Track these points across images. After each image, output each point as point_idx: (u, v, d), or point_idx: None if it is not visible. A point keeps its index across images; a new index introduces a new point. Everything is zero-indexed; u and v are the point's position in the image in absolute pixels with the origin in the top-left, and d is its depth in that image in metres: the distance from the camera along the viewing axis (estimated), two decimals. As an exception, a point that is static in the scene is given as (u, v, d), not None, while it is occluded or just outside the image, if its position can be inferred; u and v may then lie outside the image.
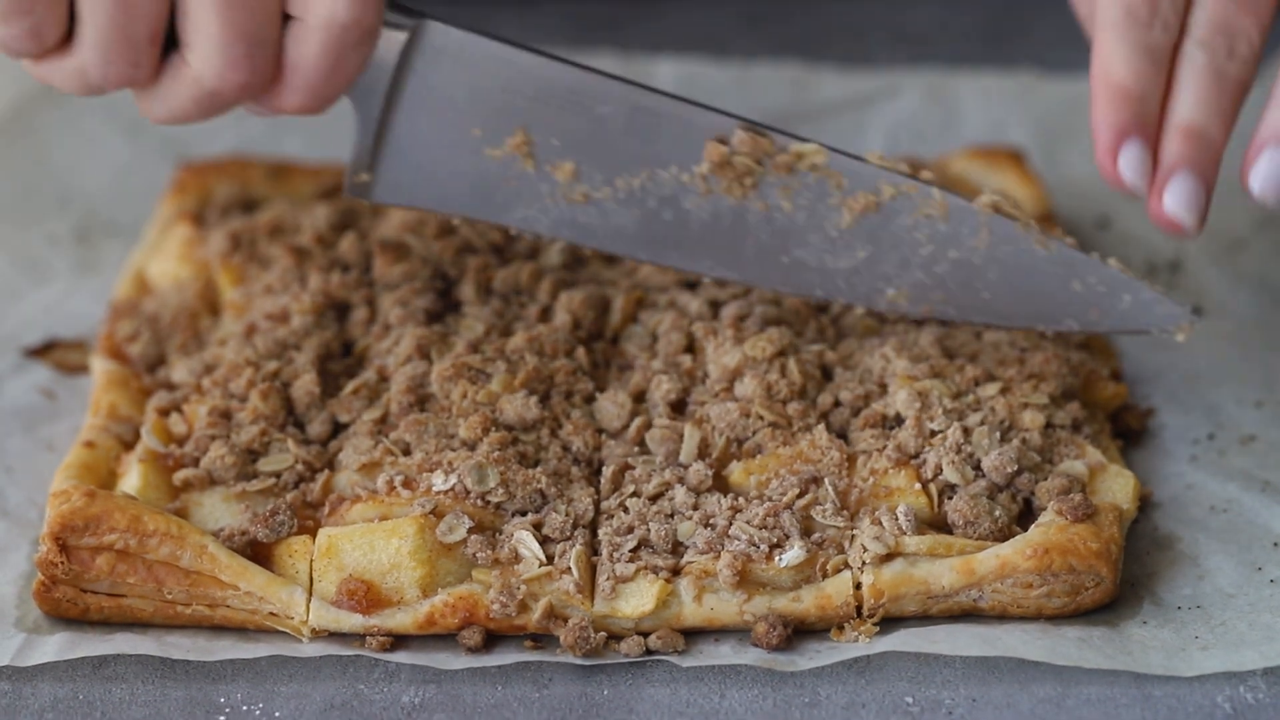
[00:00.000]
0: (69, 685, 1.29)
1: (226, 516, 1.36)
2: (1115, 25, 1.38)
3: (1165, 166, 1.36)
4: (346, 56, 1.35)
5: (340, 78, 1.36)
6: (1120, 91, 1.37)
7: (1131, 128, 1.36)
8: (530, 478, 1.36)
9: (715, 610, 1.32)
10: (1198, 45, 1.38)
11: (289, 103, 1.36)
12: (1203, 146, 1.36)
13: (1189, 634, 1.31)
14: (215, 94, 1.35)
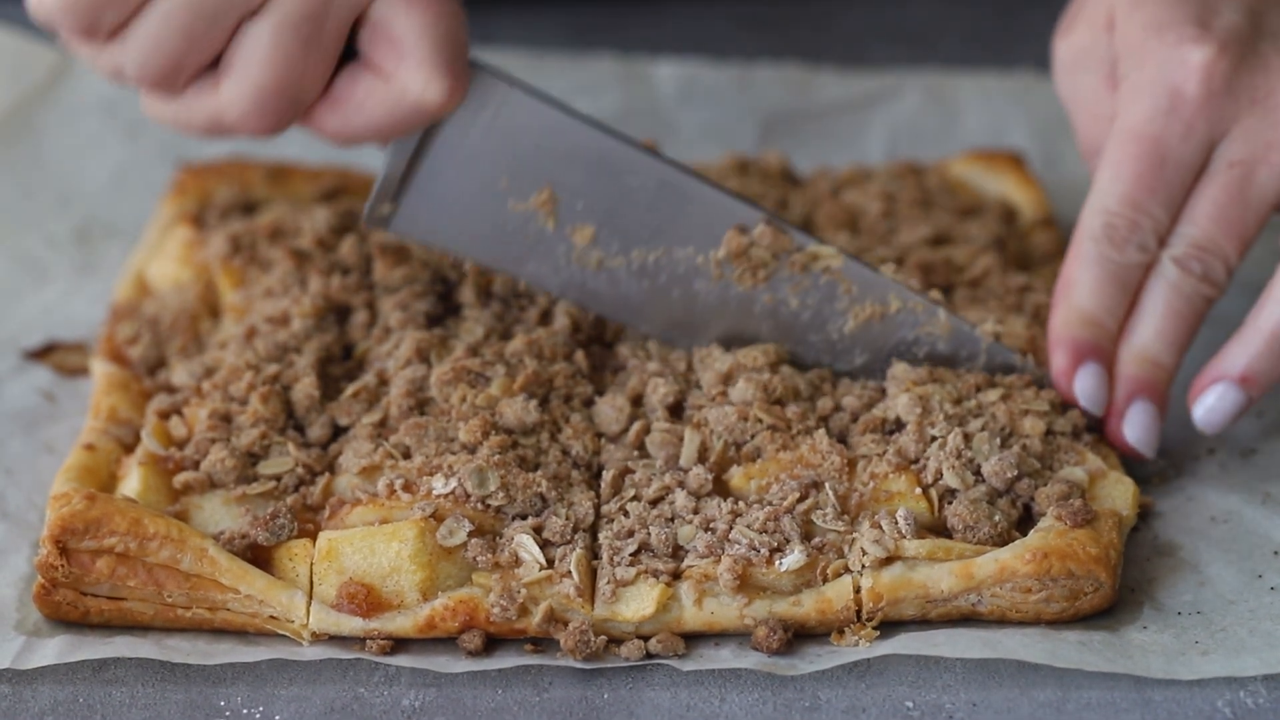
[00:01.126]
0: (69, 688, 1.29)
1: (226, 519, 1.36)
2: (1092, 240, 1.43)
3: (1123, 392, 1.42)
4: (410, 126, 1.38)
5: (393, 137, 1.39)
6: (1081, 315, 1.42)
7: (1088, 352, 1.42)
8: (531, 481, 1.36)
9: (715, 614, 1.32)
10: (1173, 262, 1.42)
11: (327, 130, 1.38)
12: (1157, 374, 1.42)
13: (1189, 639, 1.31)
14: (229, 128, 1.36)
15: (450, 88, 1.35)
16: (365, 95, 1.36)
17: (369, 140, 1.39)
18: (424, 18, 1.34)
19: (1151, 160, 1.42)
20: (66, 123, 1.87)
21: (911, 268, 1.53)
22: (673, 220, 1.44)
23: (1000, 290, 1.53)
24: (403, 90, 1.35)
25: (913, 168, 1.70)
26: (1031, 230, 1.65)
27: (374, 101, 1.36)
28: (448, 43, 1.35)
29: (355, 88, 1.36)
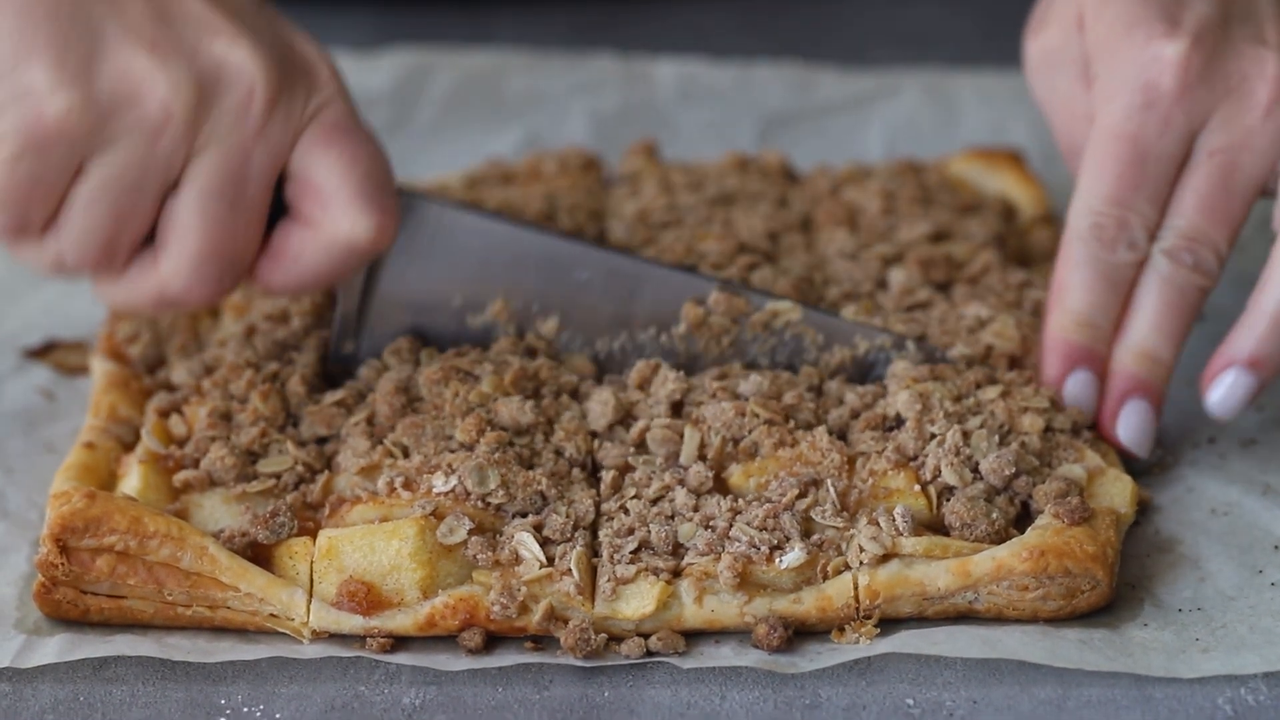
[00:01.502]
0: (69, 686, 1.29)
1: (227, 518, 1.36)
2: (1082, 241, 1.43)
3: (1117, 389, 1.42)
4: (350, 267, 1.39)
5: (337, 281, 1.41)
6: (1074, 318, 1.42)
7: (1080, 358, 1.42)
8: (531, 479, 1.35)
9: (716, 612, 1.32)
10: (1164, 255, 1.42)
11: (272, 286, 1.39)
12: (1153, 369, 1.42)
13: (1189, 636, 1.31)
14: (175, 303, 1.38)
15: (378, 224, 1.37)
16: (300, 246, 1.38)
17: (315, 288, 1.41)
18: (341, 161, 1.36)
19: (1133, 157, 1.43)
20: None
21: (911, 264, 1.53)
22: (628, 305, 1.46)
23: (1000, 287, 1.53)
24: (333, 236, 1.37)
25: (912, 166, 1.70)
26: (1031, 227, 1.65)
27: (309, 251, 1.37)
28: (369, 181, 1.37)
29: (289, 241, 1.38)
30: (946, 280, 1.54)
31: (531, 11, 2.08)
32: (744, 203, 1.64)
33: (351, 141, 1.38)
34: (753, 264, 1.53)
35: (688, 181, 1.68)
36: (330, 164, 1.37)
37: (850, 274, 1.54)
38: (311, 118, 1.37)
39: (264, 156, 1.36)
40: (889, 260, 1.55)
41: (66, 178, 1.33)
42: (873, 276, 1.54)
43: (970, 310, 1.49)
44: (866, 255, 1.56)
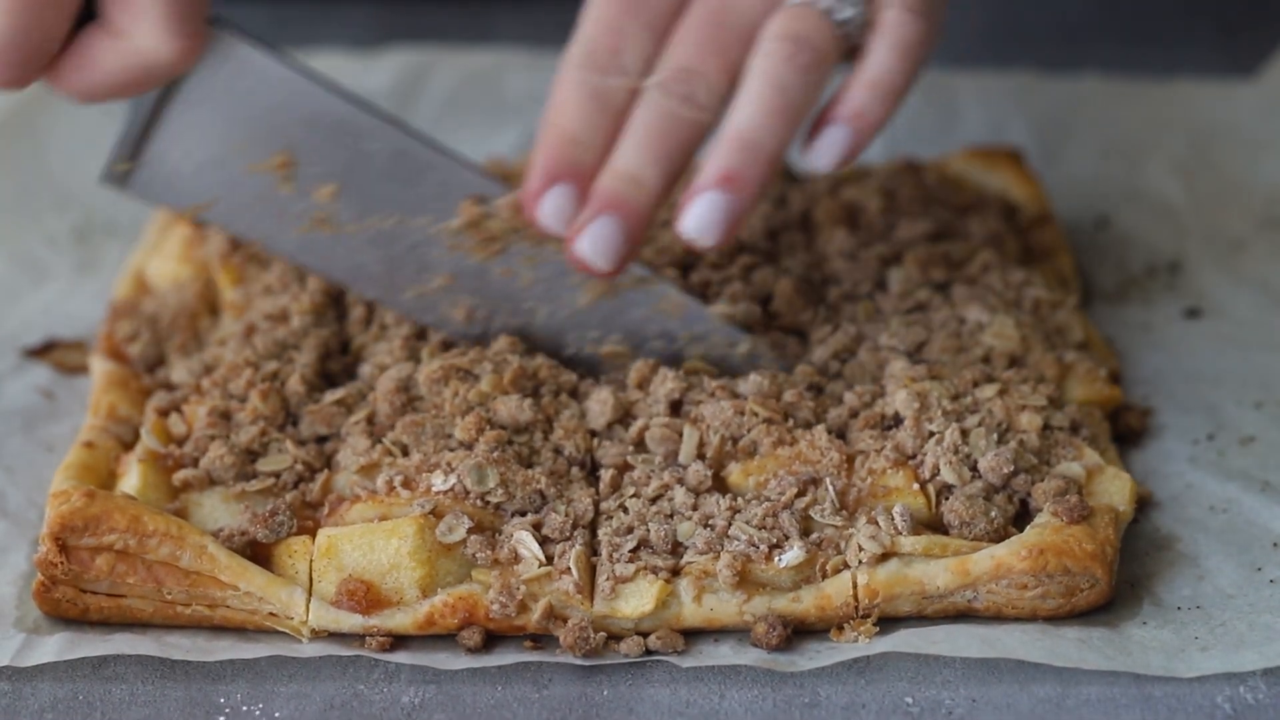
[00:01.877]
0: (69, 685, 1.29)
1: (226, 517, 1.37)
2: (574, 66, 1.39)
3: (589, 208, 1.36)
4: (145, 84, 1.38)
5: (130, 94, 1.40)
6: (561, 135, 1.37)
7: (562, 173, 1.36)
8: (530, 478, 1.36)
9: (715, 610, 1.32)
10: (655, 87, 1.38)
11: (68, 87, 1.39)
12: (632, 190, 1.36)
13: (1189, 634, 1.31)
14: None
15: (182, 47, 1.36)
16: (102, 53, 1.37)
17: (108, 98, 1.39)
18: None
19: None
20: (66, 121, 1.87)
21: (911, 263, 1.53)
22: (410, 189, 1.43)
23: (999, 285, 1.53)
24: (135, 49, 1.36)
25: (911, 165, 1.70)
26: (1030, 226, 1.65)
27: (110, 59, 1.36)
28: (181, 2, 1.36)
29: (93, 46, 1.37)
30: (946, 279, 1.54)
31: (531, 9, 2.07)
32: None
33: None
34: (752, 264, 1.53)
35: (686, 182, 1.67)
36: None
37: (850, 274, 1.54)
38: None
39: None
40: (888, 260, 1.55)
41: None
42: (872, 276, 1.54)
43: (971, 315, 1.49)
44: (865, 255, 1.56)
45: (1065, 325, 1.51)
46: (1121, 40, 2.02)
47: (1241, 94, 1.90)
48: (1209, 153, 1.84)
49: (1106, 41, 2.02)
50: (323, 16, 2.06)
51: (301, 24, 2.05)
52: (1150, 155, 1.84)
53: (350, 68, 1.95)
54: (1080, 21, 2.06)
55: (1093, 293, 1.66)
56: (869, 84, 1.39)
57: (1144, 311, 1.63)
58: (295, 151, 1.43)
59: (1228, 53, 1.98)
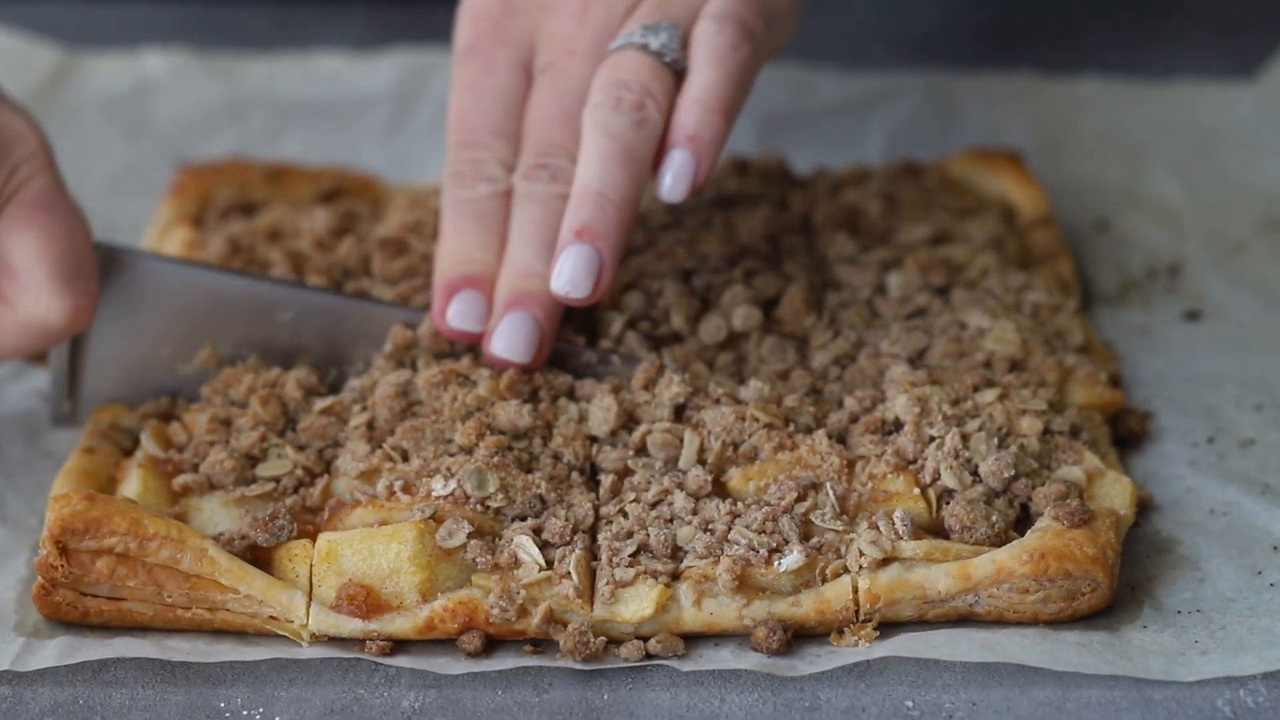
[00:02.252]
0: (69, 690, 1.29)
1: (226, 521, 1.36)
2: (445, 190, 1.46)
3: (499, 310, 1.43)
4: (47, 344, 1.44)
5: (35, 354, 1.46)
6: (452, 257, 1.44)
7: (456, 284, 1.43)
8: (530, 483, 1.36)
9: (715, 615, 1.32)
10: (521, 179, 1.45)
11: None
12: (531, 283, 1.43)
13: (1189, 638, 1.31)
14: None
15: (71, 306, 1.40)
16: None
17: (15, 358, 1.44)
18: (38, 243, 1.39)
19: (469, 99, 1.47)
20: (66, 123, 1.87)
21: (911, 268, 1.53)
22: (334, 341, 1.48)
23: (999, 290, 1.53)
24: (28, 317, 1.41)
25: (912, 167, 1.70)
26: (1031, 229, 1.65)
27: (6, 328, 1.41)
28: (66, 261, 1.40)
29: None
30: (946, 284, 1.54)
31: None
32: (743, 205, 1.64)
33: (52, 218, 1.41)
34: (753, 268, 1.53)
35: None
36: (28, 245, 1.39)
37: (850, 278, 1.54)
38: (13, 194, 1.40)
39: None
40: (888, 264, 1.55)
41: None
42: (872, 281, 1.54)
43: (971, 320, 1.49)
44: (865, 259, 1.56)
45: (1065, 329, 1.51)
46: (1121, 41, 2.02)
47: (1242, 96, 1.90)
48: (1209, 155, 1.83)
49: (1106, 43, 2.02)
50: (322, 17, 2.06)
51: (301, 25, 2.04)
52: (1150, 157, 1.84)
53: (350, 70, 1.95)
54: (1080, 22, 2.06)
55: (1093, 295, 1.65)
56: (694, 101, 1.43)
57: (1144, 315, 1.63)
58: (216, 343, 1.47)
59: (1228, 54, 1.98)
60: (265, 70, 1.95)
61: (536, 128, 1.46)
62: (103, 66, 1.95)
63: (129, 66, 1.95)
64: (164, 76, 1.94)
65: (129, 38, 1.98)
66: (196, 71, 1.94)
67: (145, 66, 1.95)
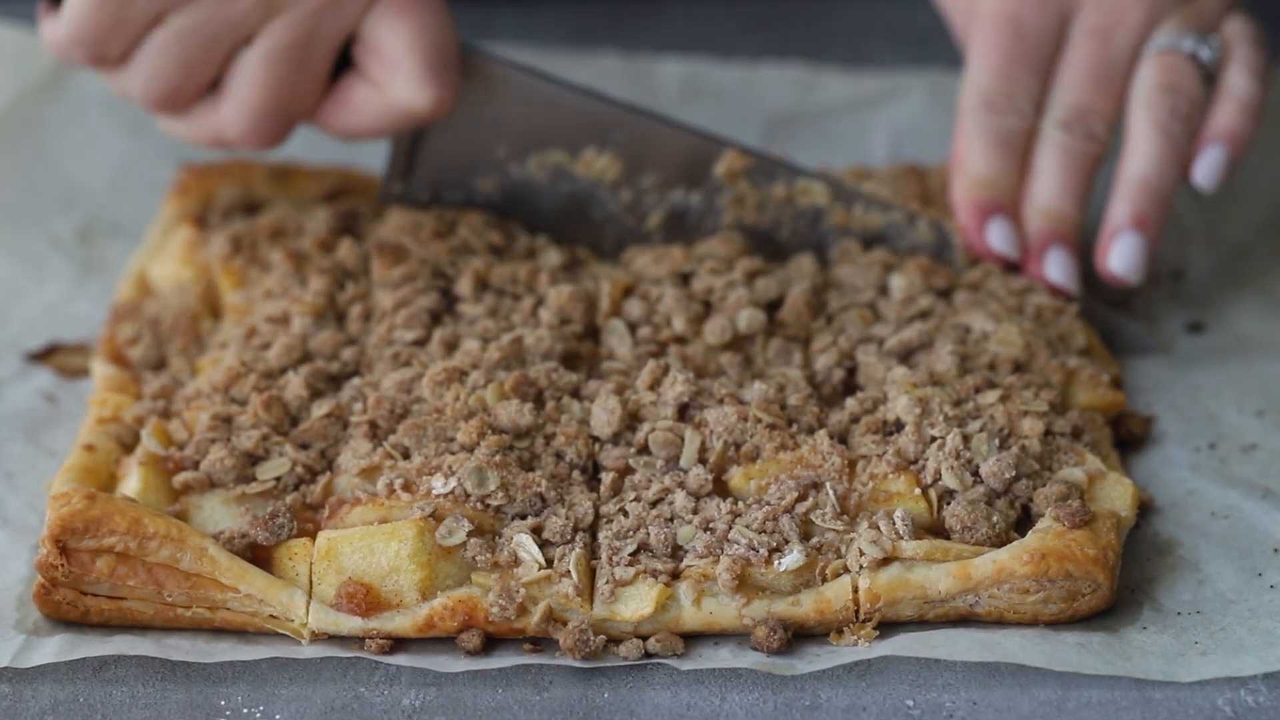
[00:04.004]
0: (69, 687, 1.29)
1: (226, 519, 1.37)
2: (973, 112, 1.56)
3: (1036, 242, 1.53)
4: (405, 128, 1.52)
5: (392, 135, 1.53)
6: (976, 180, 1.54)
7: (991, 207, 1.53)
8: (530, 481, 1.36)
9: (714, 614, 1.32)
10: (1056, 126, 1.55)
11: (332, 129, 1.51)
12: (1063, 224, 1.55)
13: (1188, 639, 1.31)
14: (231, 143, 1.49)
15: (437, 96, 1.48)
16: (362, 101, 1.48)
17: (371, 138, 1.51)
18: (410, 31, 1.46)
19: (1012, 34, 1.56)
20: (69, 120, 1.87)
21: (912, 270, 1.53)
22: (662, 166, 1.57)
23: (1002, 292, 1.53)
24: (394, 100, 1.48)
25: (914, 169, 1.70)
26: (1033, 230, 1.65)
27: (370, 108, 1.48)
28: (435, 53, 1.47)
29: (354, 94, 1.48)
30: (948, 286, 1.54)
31: (534, 10, 2.07)
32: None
33: (424, 11, 1.47)
34: (755, 270, 1.53)
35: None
36: (399, 33, 1.46)
37: (852, 280, 1.54)
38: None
39: (333, 25, 1.46)
40: (889, 266, 1.55)
41: (146, 22, 1.43)
42: (874, 284, 1.54)
43: (975, 323, 1.49)
44: (866, 260, 1.55)
45: (1068, 332, 1.51)
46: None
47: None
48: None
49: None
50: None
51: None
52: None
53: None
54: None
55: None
56: (1237, 105, 1.54)
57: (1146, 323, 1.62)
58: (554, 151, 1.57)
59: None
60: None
61: (1076, 83, 1.56)
62: (107, 63, 1.94)
63: (133, 64, 1.94)
64: (168, 75, 1.93)
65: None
66: (201, 69, 1.94)
67: (149, 64, 1.94)
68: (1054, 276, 1.53)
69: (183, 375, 1.49)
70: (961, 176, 1.56)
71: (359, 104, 1.49)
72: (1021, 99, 1.56)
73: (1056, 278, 1.53)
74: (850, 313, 1.51)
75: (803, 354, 1.48)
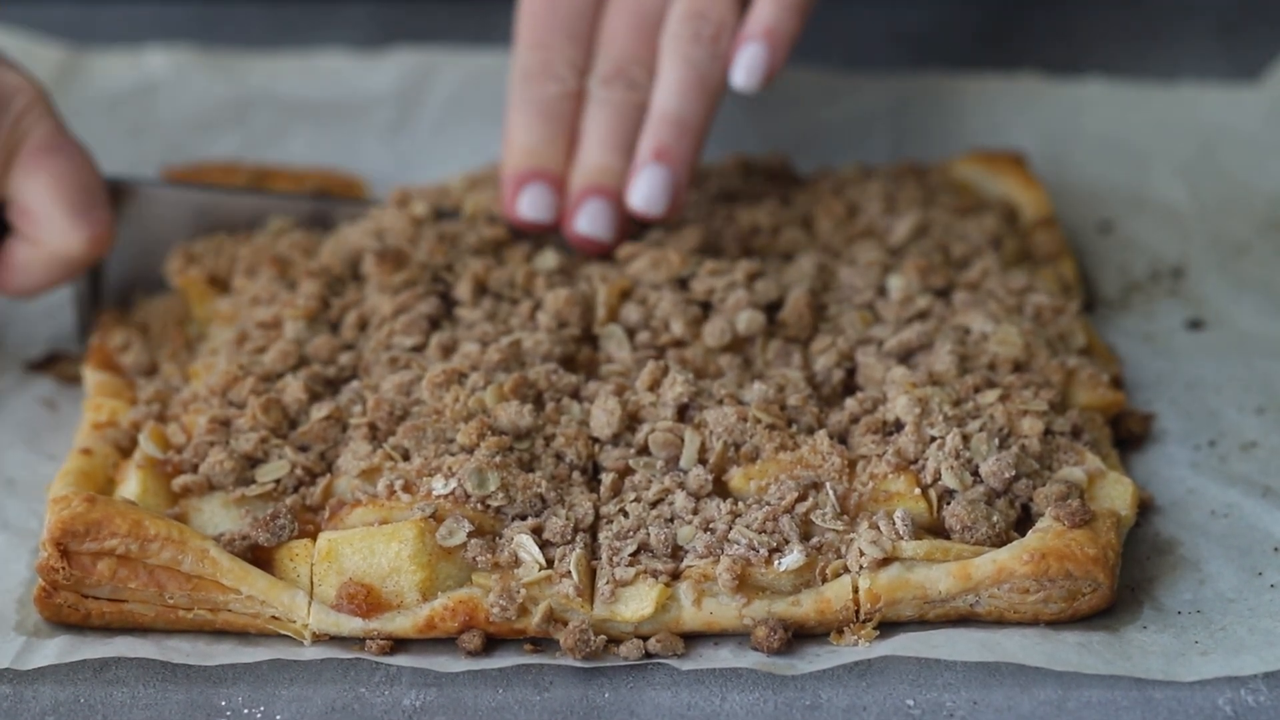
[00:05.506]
0: (70, 689, 1.29)
1: (226, 522, 1.37)
2: (513, 87, 1.57)
3: (573, 199, 1.53)
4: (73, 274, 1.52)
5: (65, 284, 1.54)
6: (521, 150, 1.54)
7: (529, 175, 1.53)
8: (530, 482, 1.36)
9: (714, 614, 1.32)
10: (598, 85, 1.56)
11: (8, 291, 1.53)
12: (608, 178, 1.53)
13: (1189, 639, 1.31)
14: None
15: (90, 235, 1.50)
16: (26, 261, 1.51)
17: (47, 291, 1.53)
18: (49, 181, 1.48)
19: (546, 6, 1.57)
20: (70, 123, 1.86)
21: (911, 270, 1.53)
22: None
23: (1001, 292, 1.53)
24: (51, 252, 1.50)
25: (915, 168, 1.70)
26: (1034, 230, 1.65)
27: (35, 265, 1.51)
28: (78, 195, 1.49)
29: (16, 255, 1.50)
30: (946, 286, 1.54)
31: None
32: (746, 200, 1.64)
33: (59, 159, 1.49)
34: (755, 271, 1.53)
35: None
36: (39, 187, 1.48)
37: (850, 280, 1.54)
38: (19, 143, 1.48)
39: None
40: (888, 266, 1.55)
41: None
42: (873, 284, 1.54)
43: (974, 324, 1.49)
44: (866, 259, 1.56)
45: (1068, 331, 1.51)
46: (1121, 42, 2.02)
47: (1246, 98, 1.90)
48: (1213, 157, 1.83)
49: (1106, 44, 2.02)
50: (323, 16, 2.05)
51: (302, 24, 2.04)
52: (1154, 160, 1.83)
53: (353, 69, 1.95)
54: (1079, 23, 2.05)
55: (1096, 297, 1.65)
56: (774, 2, 1.53)
57: (1146, 322, 1.62)
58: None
59: (1228, 56, 1.98)
60: (268, 69, 1.95)
61: (613, 38, 1.56)
62: (106, 66, 1.95)
63: (132, 66, 1.95)
64: (167, 76, 1.94)
65: (132, 37, 1.98)
66: (200, 71, 1.94)
67: (148, 66, 1.95)
68: (582, 228, 1.52)
69: (175, 380, 1.49)
70: (507, 150, 1.55)
71: (23, 264, 1.50)
72: (560, 65, 1.56)
73: (585, 229, 1.52)
74: (850, 313, 1.51)
75: (802, 355, 1.48)
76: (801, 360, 1.48)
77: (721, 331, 1.48)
